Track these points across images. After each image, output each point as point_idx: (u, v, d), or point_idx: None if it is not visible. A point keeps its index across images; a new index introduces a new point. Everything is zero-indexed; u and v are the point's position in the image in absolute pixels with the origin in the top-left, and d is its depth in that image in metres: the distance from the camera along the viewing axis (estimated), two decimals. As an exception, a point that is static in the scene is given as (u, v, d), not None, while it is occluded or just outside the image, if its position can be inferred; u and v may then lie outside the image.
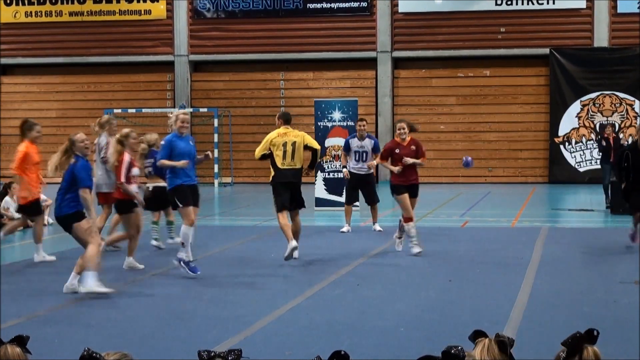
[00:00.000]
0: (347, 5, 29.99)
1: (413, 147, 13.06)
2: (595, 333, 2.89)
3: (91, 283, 9.71)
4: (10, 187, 17.23)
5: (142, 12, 31.12)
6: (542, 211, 20.14)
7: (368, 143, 15.57)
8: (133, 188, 11.83)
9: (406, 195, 12.81)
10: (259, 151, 12.29)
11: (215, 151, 27.85)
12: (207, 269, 11.64)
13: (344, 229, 15.61)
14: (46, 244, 13.25)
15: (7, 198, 17.02)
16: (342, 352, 2.77)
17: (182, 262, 11.09)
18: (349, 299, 9.61)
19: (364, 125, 15.70)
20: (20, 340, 3.04)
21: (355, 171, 15.64)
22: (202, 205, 12.07)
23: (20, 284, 10.78)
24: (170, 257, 11.97)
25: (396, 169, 12.82)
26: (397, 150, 12.96)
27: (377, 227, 15.60)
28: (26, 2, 31.60)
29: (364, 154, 15.52)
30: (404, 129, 13.12)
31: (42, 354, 6.82)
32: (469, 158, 13.97)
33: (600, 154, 20.55)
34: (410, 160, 12.81)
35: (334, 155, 19.52)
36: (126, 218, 11.88)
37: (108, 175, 12.48)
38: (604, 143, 20.17)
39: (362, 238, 14.75)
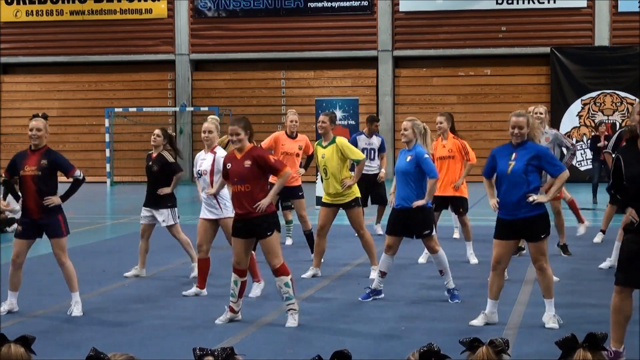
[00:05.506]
0: (348, 4, 29.99)
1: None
2: (599, 335, 2.86)
3: None
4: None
5: (143, 11, 31.12)
6: (543, 210, 20.09)
7: (376, 140, 14.74)
8: None
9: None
10: None
11: (216, 150, 27.87)
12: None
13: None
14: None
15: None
16: (345, 351, 2.74)
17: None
18: (350, 299, 9.61)
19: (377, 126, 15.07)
20: (25, 341, 3.02)
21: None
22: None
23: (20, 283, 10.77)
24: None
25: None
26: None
27: (379, 229, 14.89)
28: (27, 1, 31.61)
29: (372, 152, 14.61)
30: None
31: (42, 354, 6.82)
32: None
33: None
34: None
35: None
36: None
37: None
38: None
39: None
